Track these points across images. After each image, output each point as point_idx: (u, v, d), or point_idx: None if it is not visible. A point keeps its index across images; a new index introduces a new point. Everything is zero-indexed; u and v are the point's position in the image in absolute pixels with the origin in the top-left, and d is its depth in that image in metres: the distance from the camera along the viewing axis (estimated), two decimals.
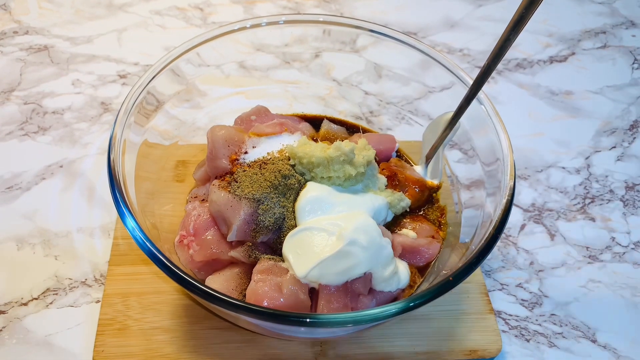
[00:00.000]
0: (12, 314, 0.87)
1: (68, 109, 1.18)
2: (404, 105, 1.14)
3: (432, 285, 0.67)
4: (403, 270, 0.80)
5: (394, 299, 0.80)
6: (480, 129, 0.89)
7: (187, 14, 1.42)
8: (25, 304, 0.88)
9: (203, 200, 0.85)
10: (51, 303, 0.89)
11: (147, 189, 0.87)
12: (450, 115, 0.85)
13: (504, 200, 0.75)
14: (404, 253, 0.83)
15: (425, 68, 0.99)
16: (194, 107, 1.02)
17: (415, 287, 0.82)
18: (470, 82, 0.87)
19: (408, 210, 0.89)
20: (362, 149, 0.81)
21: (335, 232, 0.74)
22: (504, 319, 0.91)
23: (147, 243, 0.68)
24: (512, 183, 0.75)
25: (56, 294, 0.90)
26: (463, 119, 0.93)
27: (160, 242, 0.78)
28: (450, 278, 0.66)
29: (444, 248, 0.87)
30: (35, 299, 0.89)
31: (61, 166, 1.07)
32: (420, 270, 0.85)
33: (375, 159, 0.86)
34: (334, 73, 1.18)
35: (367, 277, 0.75)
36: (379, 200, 0.82)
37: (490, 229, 0.72)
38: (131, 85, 1.23)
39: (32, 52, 1.29)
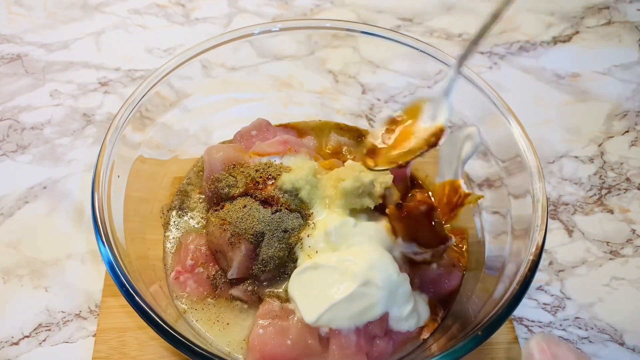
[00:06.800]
0: (1, 356, 0.81)
1: (48, 123, 1.10)
2: (406, 97, 1.08)
3: (460, 341, 0.61)
4: (423, 306, 0.74)
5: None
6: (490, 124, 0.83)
7: (168, 11, 1.33)
8: (16, 343, 0.82)
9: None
10: (44, 340, 0.83)
11: (140, 212, 0.81)
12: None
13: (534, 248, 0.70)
14: (423, 285, 0.77)
15: (418, 60, 0.93)
16: (188, 117, 0.95)
17: (440, 321, 0.76)
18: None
19: None
20: (379, 174, 0.73)
21: (347, 271, 0.68)
22: (526, 326, 0.86)
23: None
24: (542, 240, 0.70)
25: (49, 329, 0.83)
26: (468, 112, 0.87)
27: (151, 274, 0.72)
28: (480, 332, 0.61)
29: (467, 275, 0.81)
30: (27, 336, 0.83)
31: (45, 187, 1.00)
32: (441, 301, 0.78)
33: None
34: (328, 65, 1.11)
35: (383, 318, 0.69)
36: None
37: (523, 268, 0.65)
38: (113, 92, 1.15)
39: (4, 63, 1.20)
